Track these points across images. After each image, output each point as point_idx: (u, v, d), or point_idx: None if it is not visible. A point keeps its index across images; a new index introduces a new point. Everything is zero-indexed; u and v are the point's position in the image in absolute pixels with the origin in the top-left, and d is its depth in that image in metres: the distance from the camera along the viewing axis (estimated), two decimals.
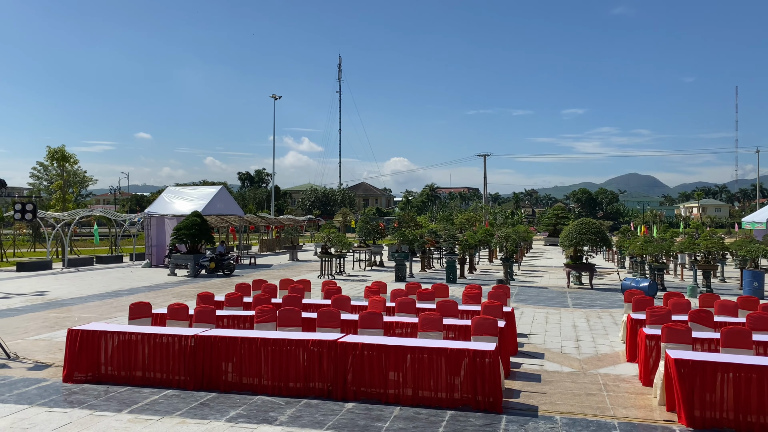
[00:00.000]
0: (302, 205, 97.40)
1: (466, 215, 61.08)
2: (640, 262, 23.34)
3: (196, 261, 23.85)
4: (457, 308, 9.95)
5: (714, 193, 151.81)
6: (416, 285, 12.38)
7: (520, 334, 11.89)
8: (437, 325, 8.55)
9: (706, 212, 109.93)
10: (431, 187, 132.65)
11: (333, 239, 22.44)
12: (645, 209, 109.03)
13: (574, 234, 19.78)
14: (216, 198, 29.05)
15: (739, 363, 6.55)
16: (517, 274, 24.98)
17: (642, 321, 9.53)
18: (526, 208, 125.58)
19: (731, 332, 7.59)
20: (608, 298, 17.41)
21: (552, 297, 17.66)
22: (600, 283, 21.79)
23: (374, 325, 8.72)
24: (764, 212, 45.07)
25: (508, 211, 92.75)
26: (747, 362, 6.57)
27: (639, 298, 10.53)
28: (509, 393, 7.91)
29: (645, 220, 75.43)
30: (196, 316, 9.35)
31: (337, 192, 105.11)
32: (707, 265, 18.90)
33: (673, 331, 7.74)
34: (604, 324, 13.20)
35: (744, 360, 6.67)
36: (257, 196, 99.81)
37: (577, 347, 10.84)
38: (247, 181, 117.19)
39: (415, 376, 7.44)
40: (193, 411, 7.14)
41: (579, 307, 15.63)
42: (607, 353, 10.39)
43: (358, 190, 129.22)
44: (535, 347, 10.81)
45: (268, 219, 39.82)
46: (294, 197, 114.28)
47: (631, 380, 8.63)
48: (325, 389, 7.71)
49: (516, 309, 15.10)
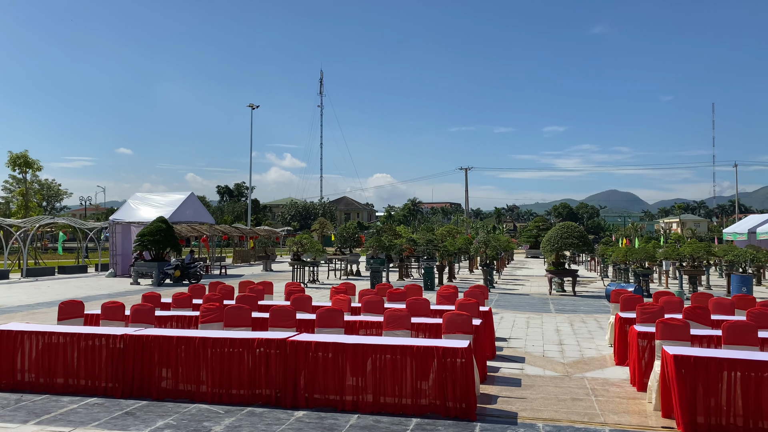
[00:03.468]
0: (282, 218, 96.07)
1: (447, 227, 60.26)
2: (624, 269, 22.61)
3: (160, 269, 22.61)
4: (429, 307, 8.99)
5: (693, 208, 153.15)
6: (388, 286, 11.40)
7: (499, 338, 10.94)
8: (404, 322, 7.57)
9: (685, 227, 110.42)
10: (413, 201, 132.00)
11: (305, 245, 21.38)
12: (626, 223, 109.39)
13: (556, 238, 18.97)
14: (185, 204, 27.83)
15: (749, 360, 5.65)
16: (498, 282, 24.08)
17: (632, 320, 8.64)
18: (508, 222, 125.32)
19: (734, 327, 6.72)
20: (592, 304, 16.56)
21: (533, 303, 16.76)
22: (583, 290, 20.97)
23: (334, 324, 7.71)
24: (745, 223, 44.98)
25: (490, 225, 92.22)
26: (759, 359, 5.68)
27: (627, 297, 9.65)
28: (485, 399, 6.94)
29: (626, 233, 75.26)
30: (132, 316, 8.27)
31: (317, 206, 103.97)
32: (694, 270, 18.19)
33: (670, 326, 6.85)
34: (589, 328, 12.31)
35: (755, 356, 5.78)
36: (236, 209, 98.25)
37: (561, 351, 9.91)
38: (226, 195, 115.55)
39: (377, 380, 6.44)
40: (114, 422, 6.06)
41: (562, 312, 14.74)
42: (594, 357, 9.48)
43: (339, 204, 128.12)
44: (515, 351, 9.87)
45: (243, 229, 38.55)
46: (274, 211, 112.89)
47: (621, 384, 7.71)
48: (273, 396, 6.67)
49: (495, 314, 14.16)
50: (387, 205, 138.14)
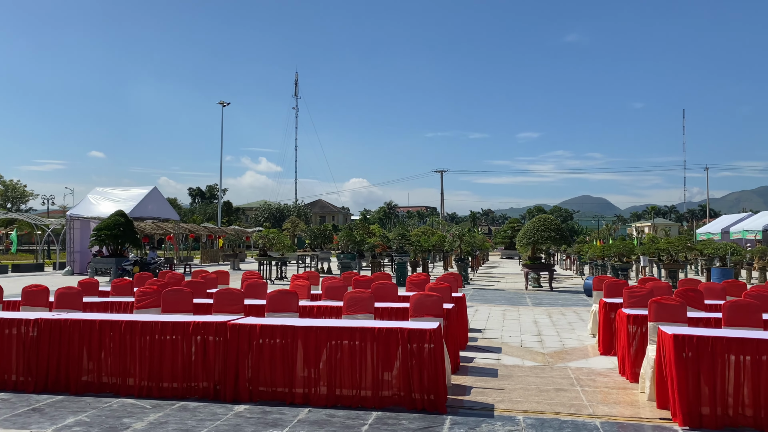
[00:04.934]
0: (255, 220, 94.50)
1: (422, 228, 59.45)
2: (601, 265, 22.08)
3: (118, 265, 21.37)
4: (396, 293, 8.12)
5: (664, 213, 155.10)
6: (354, 274, 10.51)
7: (473, 329, 10.13)
8: (366, 306, 6.68)
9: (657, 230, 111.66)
10: (389, 204, 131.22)
11: (272, 240, 20.37)
12: (600, 225, 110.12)
13: (533, 231, 18.28)
14: (147, 199, 26.57)
15: (761, 339, 4.90)
16: (473, 279, 23.36)
17: (618, 305, 7.88)
18: (483, 226, 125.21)
19: (736, 307, 5.98)
20: (570, 299, 15.88)
21: (509, 297, 16.02)
22: (560, 286, 20.32)
23: (287, 308, 6.79)
24: (718, 223, 45.14)
25: (466, 228, 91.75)
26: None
27: (611, 283, 8.92)
28: (457, 390, 6.09)
29: (600, 235, 75.48)
30: (56, 301, 7.25)
31: (292, 208, 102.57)
32: (674, 264, 17.66)
33: (664, 306, 6.09)
34: (568, 320, 11.57)
35: (766, 336, 5.04)
36: (208, 210, 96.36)
37: (540, 341, 9.13)
38: (198, 197, 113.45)
39: (332, 369, 5.55)
40: (15, 419, 5.06)
41: (539, 306, 14.01)
42: (576, 347, 8.71)
43: (314, 207, 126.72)
44: (490, 341, 9.05)
45: (211, 228, 37.28)
46: (247, 213, 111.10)
47: (609, 374, 6.93)
48: (212, 389, 5.73)
49: (470, 307, 13.35)
50: (363, 209, 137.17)
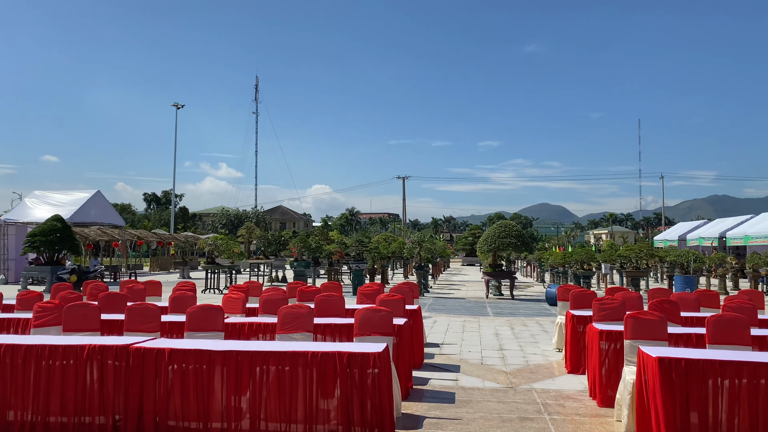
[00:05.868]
0: (212, 227, 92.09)
1: (384, 235, 58.67)
2: (562, 272, 21.63)
3: (54, 273, 19.87)
4: (342, 306, 7.23)
5: (620, 221, 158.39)
6: (299, 284, 9.57)
7: (431, 344, 9.31)
8: (304, 323, 5.77)
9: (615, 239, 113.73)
10: (351, 211, 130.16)
11: (220, 246, 19.22)
12: (559, 232, 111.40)
13: (494, 237, 17.64)
14: (90, 204, 25.00)
15: (760, 363, 4.19)
16: (433, 287, 22.61)
17: (587, 318, 7.17)
18: (445, 233, 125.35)
19: (722, 323, 5.29)
20: (532, 308, 15.25)
21: (469, 307, 15.29)
22: (521, 294, 19.74)
23: (210, 326, 5.83)
24: (675, 230, 45.70)
25: (428, 235, 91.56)
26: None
27: (579, 293, 8.21)
28: (408, 421, 5.23)
29: (560, 242, 76.10)
30: None
31: (250, 214, 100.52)
32: (636, 272, 17.24)
33: (643, 322, 5.36)
34: (531, 332, 10.86)
35: (763, 359, 4.34)
36: (163, 217, 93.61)
37: (502, 357, 8.36)
38: (154, 203, 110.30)
39: (257, 400, 4.63)
40: None
41: (500, 316, 13.30)
42: (541, 363, 7.97)
43: (274, 214, 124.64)
44: (448, 358, 8.24)
45: (161, 235, 35.66)
46: (204, 220, 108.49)
47: (578, 397, 6.18)
48: (110, 425, 4.73)
49: (428, 318, 12.57)
50: (325, 215, 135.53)
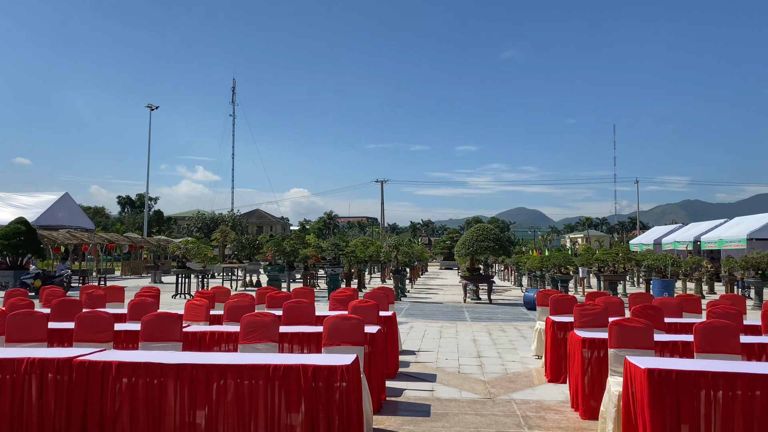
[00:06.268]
0: (187, 230, 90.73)
1: (362, 239, 58.21)
2: (540, 276, 21.49)
3: (17, 278, 19.13)
4: (312, 313, 6.84)
5: (596, 225, 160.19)
6: (269, 289, 9.16)
7: (406, 351, 8.97)
8: (268, 332, 5.38)
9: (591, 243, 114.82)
10: (329, 215, 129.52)
11: (191, 250, 18.67)
12: (536, 236, 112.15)
13: (471, 241, 17.39)
14: (57, 206, 24.24)
15: (756, 374, 3.92)
16: (411, 291, 22.30)
17: (568, 324, 6.89)
18: (423, 237, 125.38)
19: (710, 330, 5.03)
20: (510, 312, 15.01)
21: (447, 311, 15.00)
22: (499, 298, 19.52)
23: (166, 336, 5.40)
24: (650, 234, 46.05)
25: (406, 239, 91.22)
26: (764, 372, 3.96)
27: (559, 298, 7.94)
28: None
29: (537, 245, 76.53)
30: None
31: (227, 217, 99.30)
32: (614, 276, 17.13)
33: (628, 330, 5.08)
34: (510, 338, 10.58)
35: (758, 369, 4.07)
36: (137, 220, 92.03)
37: (480, 365, 8.05)
38: (128, 206, 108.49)
39: (214, 417, 4.23)
40: None
41: (478, 321, 13.01)
42: (520, 372, 7.67)
43: (251, 217, 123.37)
44: (424, 367, 7.90)
45: (133, 238, 34.80)
46: (180, 223, 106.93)
47: (560, 409, 5.88)
48: None
49: (405, 324, 12.23)
50: (303, 219, 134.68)
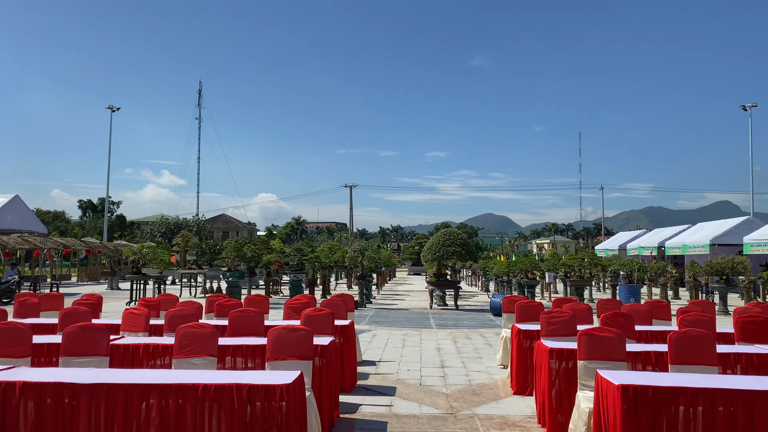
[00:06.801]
0: (150, 235, 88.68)
1: (329, 244, 57.47)
2: (507, 281, 21.27)
3: None
4: (261, 323, 6.32)
5: (562, 230, 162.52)
6: (219, 297, 8.58)
7: (366, 362, 8.50)
8: (206, 345, 4.85)
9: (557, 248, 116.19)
10: (297, 220, 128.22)
11: (146, 255, 17.88)
12: (504, 242, 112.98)
13: (438, 246, 17.03)
14: (6, 210, 23.09)
15: (738, 390, 3.56)
16: (377, 298, 21.84)
17: (535, 333, 6.52)
18: (392, 242, 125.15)
19: (685, 340, 4.69)
20: (476, 318, 14.67)
21: (412, 318, 14.57)
22: (465, 304, 19.20)
23: (92, 350, 4.83)
24: (615, 240, 46.50)
25: (375, 245, 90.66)
26: (750, 387, 3.61)
27: (525, 305, 7.58)
28: None
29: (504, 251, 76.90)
30: None
31: (191, 222, 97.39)
32: (580, 281, 16.96)
33: (598, 340, 4.70)
34: (475, 345, 10.20)
35: (740, 383, 3.72)
36: (99, 225, 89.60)
37: (443, 376, 7.62)
38: (89, 210, 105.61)
39: None
40: None
41: (443, 328, 12.62)
42: (485, 383, 7.27)
43: (217, 222, 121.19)
44: (384, 379, 7.44)
45: (91, 243, 33.55)
46: (143, 228, 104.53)
47: (526, 424, 5.48)
48: None
49: (367, 332, 11.76)
50: (271, 224, 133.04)
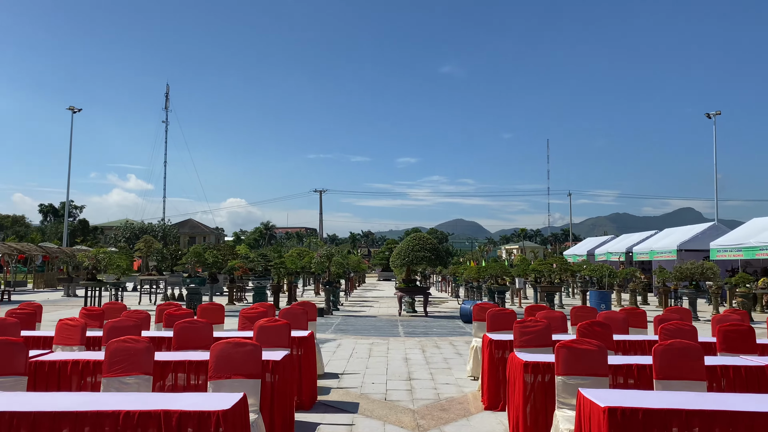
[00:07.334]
0: (114, 240, 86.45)
1: (298, 249, 56.53)
2: (477, 287, 20.96)
3: None
4: (210, 335, 5.76)
5: (530, 236, 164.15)
6: (169, 306, 7.97)
7: (329, 374, 7.97)
8: (140, 362, 4.28)
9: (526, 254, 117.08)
10: (266, 225, 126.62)
11: (102, 261, 17.04)
12: (474, 247, 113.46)
13: (407, 251, 16.60)
14: None
15: (732, 412, 3.17)
16: (345, 304, 21.30)
17: (507, 343, 6.09)
18: (363, 248, 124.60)
19: (672, 353, 4.30)
20: (446, 326, 14.26)
21: (380, 326, 14.08)
22: (435, 310, 18.80)
23: (6, 369, 4.22)
24: (584, 245, 46.77)
25: (345, 250, 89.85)
26: (746, 408, 3.22)
27: (497, 313, 7.16)
28: None
29: (474, 256, 77.07)
30: None
31: (157, 227, 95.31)
32: (551, 287, 16.70)
33: (578, 354, 4.28)
34: (444, 355, 9.76)
35: (739, 404, 3.32)
36: (60, 230, 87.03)
37: (410, 390, 7.15)
38: (51, 215, 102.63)
39: None
40: None
41: (412, 336, 12.16)
42: (454, 397, 6.82)
43: (184, 227, 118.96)
44: (347, 393, 6.92)
45: (48, 248, 32.25)
46: (107, 233, 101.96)
47: None
48: None
49: (332, 341, 11.23)
50: (239, 229, 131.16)
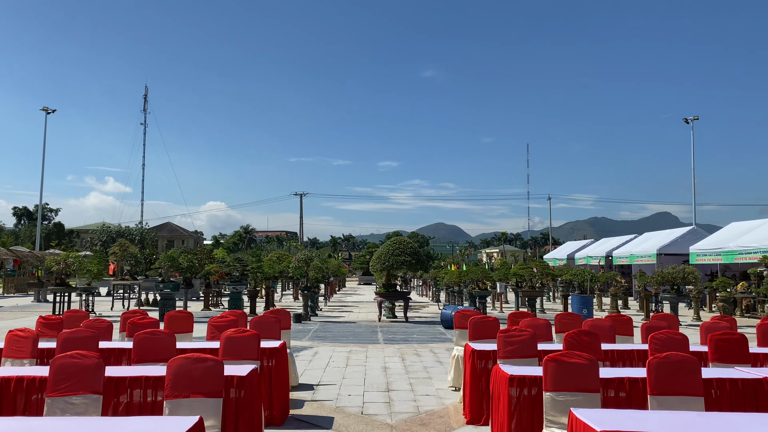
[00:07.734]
0: (90, 244, 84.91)
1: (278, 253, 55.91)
2: (458, 292, 20.71)
3: None
4: (173, 347, 5.37)
5: (510, 240, 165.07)
6: (133, 314, 7.54)
7: (303, 386, 7.60)
8: (88, 379, 3.88)
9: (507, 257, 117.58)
10: (246, 228, 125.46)
11: (72, 265, 16.44)
12: (455, 251, 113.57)
13: (387, 255, 16.27)
14: None
15: None
16: (324, 310, 20.89)
17: (490, 353, 5.78)
18: (344, 251, 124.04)
19: (667, 366, 4.02)
20: (426, 332, 13.94)
21: (359, 332, 13.72)
22: (415, 315, 18.48)
23: None
24: (563, 249, 46.87)
25: (326, 254, 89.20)
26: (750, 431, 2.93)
27: (479, 320, 6.85)
28: None
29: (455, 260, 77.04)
30: None
31: (134, 231, 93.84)
32: (532, 291, 16.48)
33: (568, 368, 3.98)
34: (424, 363, 9.44)
35: (749, 426, 3.04)
36: (34, 233, 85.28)
37: (388, 402, 6.80)
38: (25, 218, 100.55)
39: None
40: None
41: (392, 343, 11.82)
42: (434, 410, 6.49)
43: (162, 231, 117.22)
44: (321, 407, 6.56)
45: (19, 252, 31.34)
46: (83, 237, 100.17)
47: None
48: None
49: (309, 349, 10.85)
50: (219, 233, 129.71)
